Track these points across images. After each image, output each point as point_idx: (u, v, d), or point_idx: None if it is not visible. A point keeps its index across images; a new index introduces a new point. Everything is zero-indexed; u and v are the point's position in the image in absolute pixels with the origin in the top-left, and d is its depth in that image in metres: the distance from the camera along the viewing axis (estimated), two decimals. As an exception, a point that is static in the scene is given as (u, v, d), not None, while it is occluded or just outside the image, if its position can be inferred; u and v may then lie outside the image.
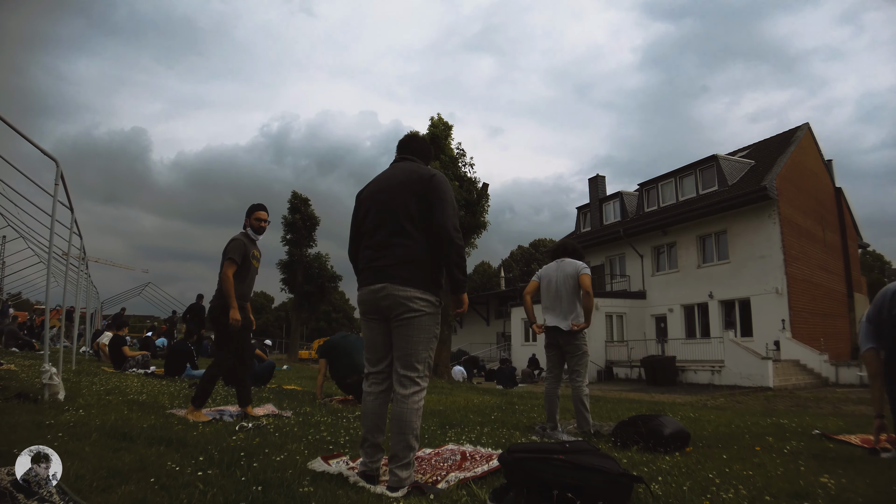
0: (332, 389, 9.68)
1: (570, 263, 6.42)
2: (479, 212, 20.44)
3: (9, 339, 16.83)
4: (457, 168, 20.92)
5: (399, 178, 3.72)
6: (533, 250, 68.03)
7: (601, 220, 35.24)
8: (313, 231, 36.29)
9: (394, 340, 3.64)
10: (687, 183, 29.73)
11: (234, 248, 6.11)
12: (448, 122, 21.53)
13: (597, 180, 36.78)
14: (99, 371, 11.54)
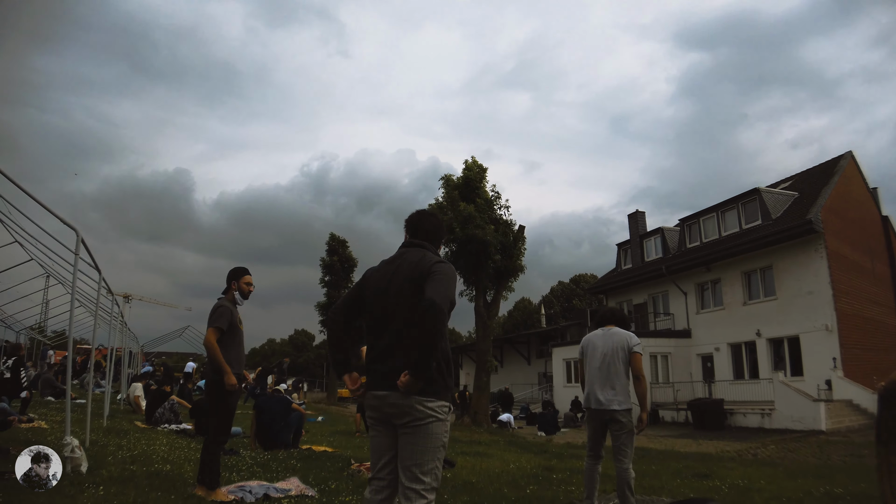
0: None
1: (619, 334, 5.97)
2: (516, 255, 20.25)
3: (45, 388, 16.93)
4: (492, 211, 20.80)
5: (404, 273, 3.50)
6: (574, 286, 67.30)
7: (642, 257, 34.66)
8: (351, 273, 36.51)
9: (399, 449, 3.37)
10: (729, 217, 29.11)
11: (220, 314, 5.92)
12: (482, 165, 21.47)
13: (636, 216, 36.29)
14: (131, 428, 11.47)
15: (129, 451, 8.13)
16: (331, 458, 8.73)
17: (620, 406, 5.77)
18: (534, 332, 43.47)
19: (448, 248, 20.28)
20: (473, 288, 20.30)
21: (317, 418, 16.84)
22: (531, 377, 40.34)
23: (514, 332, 48.64)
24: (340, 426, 14.85)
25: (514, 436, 17.14)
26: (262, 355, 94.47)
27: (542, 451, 12.00)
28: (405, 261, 3.57)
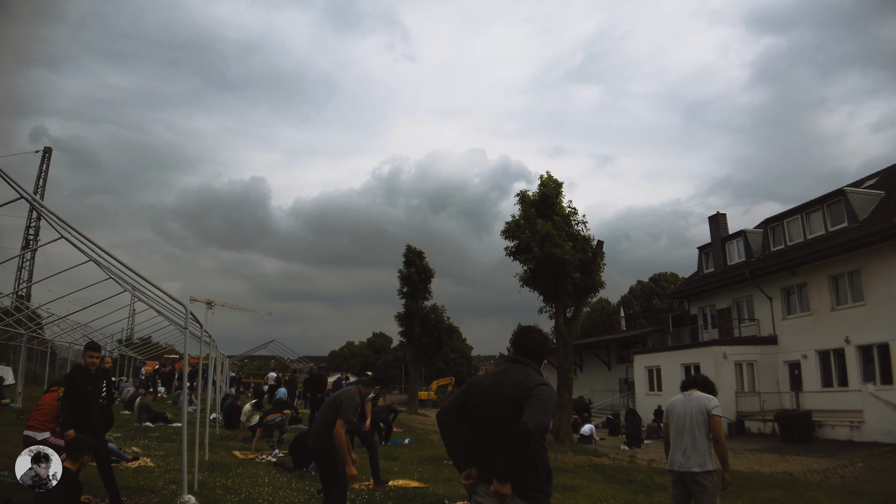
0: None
1: (699, 399, 6.14)
2: (595, 271, 20.20)
3: (142, 413, 17.82)
4: (570, 227, 20.80)
5: (507, 390, 3.80)
6: (653, 285, 66.22)
7: (725, 261, 33.96)
8: (428, 283, 37.09)
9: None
10: (814, 219, 28.29)
11: (349, 408, 6.26)
12: (558, 180, 21.47)
13: (717, 218, 35.58)
14: (231, 460, 12.09)
15: (237, 494, 8.67)
16: (424, 498, 9.06)
17: (701, 468, 5.95)
18: (613, 337, 43.00)
19: (526, 267, 20.41)
20: (553, 305, 20.36)
21: (403, 440, 17.20)
22: (612, 383, 39.90)
23: (592, 337, 48.18)
24: (427, 451, 15.14)
25: (597, 453, 17.16)
26: (341, 357, 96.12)
27: (628, 478, 12.06)
28: (508, 377, 3.89)
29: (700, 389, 6.30)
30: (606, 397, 38.06)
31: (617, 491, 10.48)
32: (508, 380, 3.86)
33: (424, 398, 53.55)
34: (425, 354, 37.15)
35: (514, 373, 3.90)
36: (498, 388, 3.86)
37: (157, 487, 8.61)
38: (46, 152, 47.23)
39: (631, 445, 20.97)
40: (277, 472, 10.92)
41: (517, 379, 3.82)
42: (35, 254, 43.91)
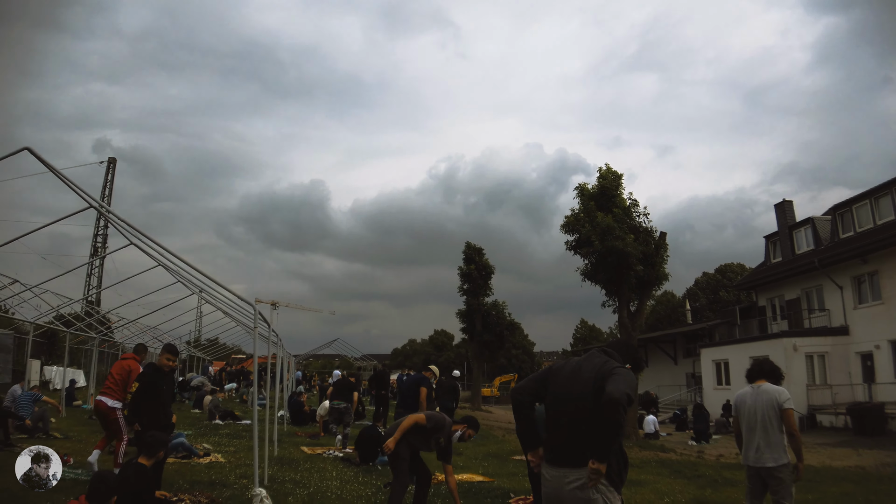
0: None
1: (769, 392, 6.03)
2: (658, 263, 19.91)
3: (212, 411, 18.34)
4: (631, 219, 20.56)
5: (586, 374, 3.88)
6: (720, 276, 64.80)
7: (793, 250, 33.08)
8: (489, 279, 37.05)
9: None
10: (883, 204, 27.34)
11: (434, 418, 6.58)
12: (618, 172, 21.25)
13: (784, 206, 34.68)
14: (298, 455, 12.38)
15: (305, 487, 8.91)
16: (489, 492, 9.15)
17: (776, 462, 5.88)
18: (680, 331, 42.30)
19: (588, 261, 20.28)
20: (616, 299, 20.17)
21: (474, 439, 17.27)
22: (678, 378, 39.30)
23: (658, 330, 47.44)
24: (492, 446, 15.21)
25: (664, 448, 16.95)
26: (404, 355, 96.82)
27: (696, 473, 11.91)
28: (588, 362, 3.98)
29: (767, 378, 6.20)
30: (673, 392, 37.50)
31: (684, 486, 10.37)
32: (588, 364, 3.95)
33: (487, 395, 53.63)
34: (487, 351, 37.21)
35: (594, 358, 3.99)
36: (577, 372, 3.95)
37: (229, 482, 8.90)
38: (111, 163, 48.73)
39: (699, 441, 20.63)
40: (344, 467, 11.12)
41: (597, 364, 3.90)
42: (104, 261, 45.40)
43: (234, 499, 7.89)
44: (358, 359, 50.25)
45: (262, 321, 8.55)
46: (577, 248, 20.47)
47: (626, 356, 4.09)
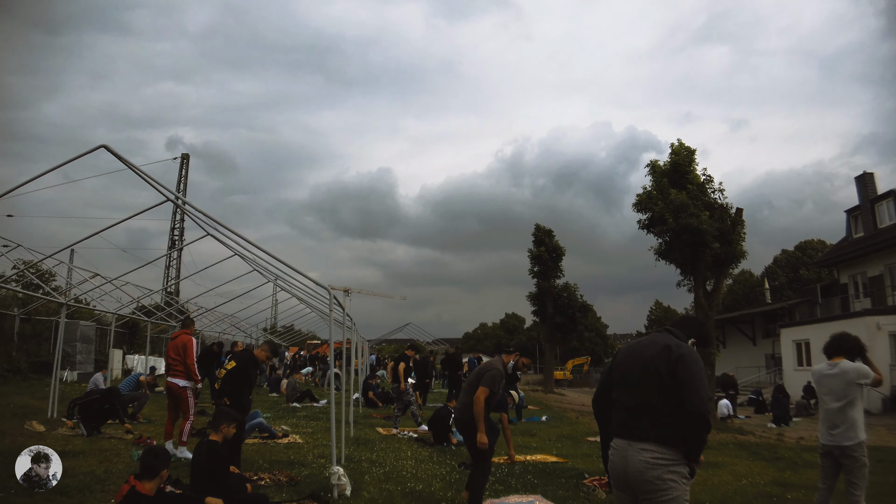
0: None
1: (846, 372, 5.83)
2: (735, 240, 19.34)
3: (290, 392, 18.83)
4: (706, 195, 19.99)
5: (650, 353, 3.82)
6: (799, 253, 62.71)
7: (875, 224, 31.68)
8: (559, 261, 36.69)
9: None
10: (979, 176, 25.94)
11: (493, 378, 6.47)
12: (691, 147, 20.66)
13: (865, 178, 33.20)
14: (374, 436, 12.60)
15: (381, 466, 9.13)
16: (563, 472, 9.14)
17: (851, 441, 5.73)
18: (758, 310, 41.15)
19: (661, 239, 19.86)
20: (691, 279, 19.70)
21: (541, 418, 17.27)
22: (757, 359, 38.27)
23: (736, 311, 46.24)
24: (565, 428, 15.17)
25: (742, 431, 16.57)
26: (475, 338, 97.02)
27: (775, 455, 11.61)
28: (652, 343, 3.91)
29: (846, 356, 5.98)
30: (751, 374, 36.50)
31: (763, 468, 10.15)
32: (651, 345, 3.88)
33: (560, 378, 53.36)
34: (559, 333, 36.95)
35: (657, 338, 3.93)
36: (640, 355, 3.89)
37: (307, 461, 9.15)
38: (184, 158, 49.97)
39: (778, 423, 20.09)
40: (419, 447, 11.30)
41: (659, 344, 3.82)
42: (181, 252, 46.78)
43: (312, 477, 8.10)
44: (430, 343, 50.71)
45: (337, 306, 8.68)
46: (650, 226, 20.05)
47: (690, 332, 4.03)
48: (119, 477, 7.50)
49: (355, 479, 7.86)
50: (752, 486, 8.61)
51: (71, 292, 19.59)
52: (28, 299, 21.00)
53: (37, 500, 6.18)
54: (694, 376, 3.58)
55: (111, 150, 7.88)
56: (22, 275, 20.26)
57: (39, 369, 20.64)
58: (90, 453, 8.89)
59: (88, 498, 6.47)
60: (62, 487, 6.69)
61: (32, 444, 8.86)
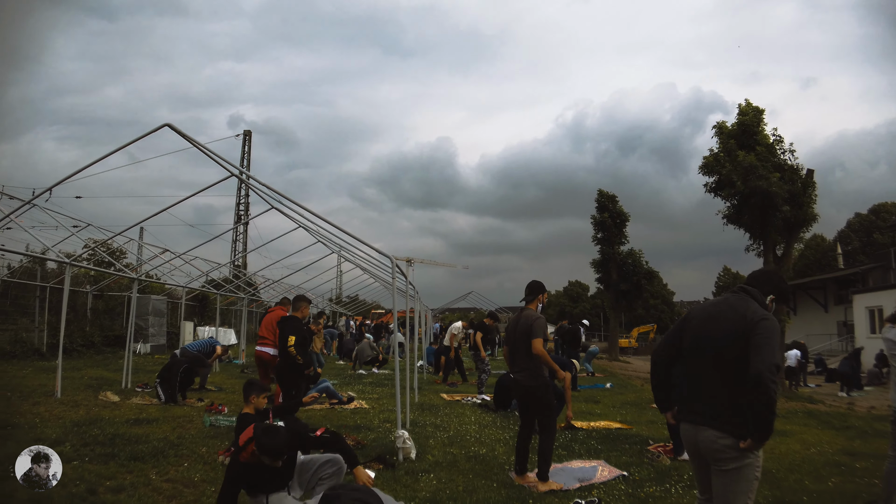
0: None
1: None
2: (806, 203, 18.68)
3: (362, 354, 19.19)
4: (775, 157, 19.34)
5: (726, 324, 3.62)
6: (874, 217, 60.47)
7: (959, 185, 30.29)
8: (623, 227, 35.99)
9: (713, 484, 3.61)
10: None
11: (542, 326, 6.42)
12: (759, 107, 19.99)
13: (948, 138, 31.72)
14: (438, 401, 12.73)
15: (445, 431, 9.23)
16: (627, 438, 9.04)
17: None
18: (830, 276, 39.87)
19: (729, 203, 19.34)
20: (761, 243, 19.14)
21: (605, 385, 17.12)
22: (829, 326, 37.16)
23: (807, 276, 44.94)
24: (630, 395, 15.00)
25: (812, 399, 16.13)
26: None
27: (844, 424, 11.28)
28: (728, 307, 3.70)
29: None
30: (823, 341, 35.51)
31: (832, 437, 9.87)
32: (728, 311, 3.67)
33: (625, 346, 52.82)
34: (624, 301, 36.38)
35: (734, 302, 3.70)
36: (716, 321, 3.70)
37: (373, 425, 9.30)
38: (247, 135, 50.50)
39: (849, 392, 19.51)
40: (482, 412, 11.34)
41: (738, 311, 3.61)
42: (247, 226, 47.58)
43: (378, 441, 8.22)
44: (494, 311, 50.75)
45: (400, 275, 8.70)
46: (718, 190, 19.54)
47: (768, 287, 3.78)
48: (192, 442, 7.74)
49: (420, 443, 7.93)
50: (820, 454, 8.37)
51: (142, 268, 20.14)
52: (100, 276, 21.67)
53: (111, 466, 6.37)
54: (766, 342, 3.40)
55: (175, 128, 7.99)
56: (93, 253, 20.88)
57: (113, 343, 21.34)
58: (164, 420, 9.15)
59: (162, 462, 6.64)
60: (137, 453, 6.91)
61: (107, 414, 9.28)
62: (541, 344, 6.29)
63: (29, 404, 9.78)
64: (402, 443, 7.19)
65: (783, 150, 19.71)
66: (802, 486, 6.44)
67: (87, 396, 11.10)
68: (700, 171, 20.16)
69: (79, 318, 21.33)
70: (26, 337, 18.41)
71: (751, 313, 3.54)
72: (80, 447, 7.08)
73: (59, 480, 5.67)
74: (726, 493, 3.51)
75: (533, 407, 6.46)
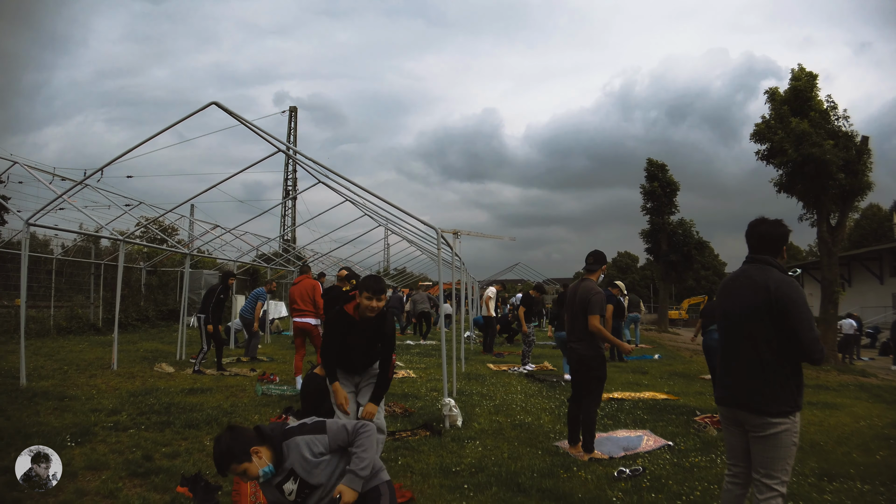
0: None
1: None
2: (862, 171, 18.12)
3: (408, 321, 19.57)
4: (829, 123, 18.78)
5: (749, 295, 3.61)
6: (934, 186, 58.49)
7: None
8: (673, 197, 35.36)
9: (752, 450, 3.60)
10: None
11: (600, 302, 6.36)
12: (812, 72, 19.39)
13: None
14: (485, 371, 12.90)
15: (492, 399, 9.31)
16: (674, 409, 8.99)
17: None
18: (886, 247, 38.70)
19: (782, 171, 18.87)
20: (814, 212, 18.64)
21: (653, 356, 17.00)
22: (884, 298, 36.09)
23: (863, 247, 43.74)
24: (678, 366, 14.88)
25: (864, 373, 15.77)
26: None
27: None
28: (749, 280, 3.67)
29: None
30: (878, 314, 34.54)
31: (883, 410, 9.65)
32: (749, 283, 3.65)
33: (675, 317, 52.24)
34: (674, 272, 35.82)
35: (753, 273, 3.67)
36: (738, 294, 3.70)
37: (421, 394, 9.44)
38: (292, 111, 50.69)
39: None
40: (529, 382, 11.45)
41: (759, 282, 3.58)
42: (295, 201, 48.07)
43: (425, 409, 8.37)
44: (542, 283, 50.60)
45: (446, 246, 8.75)
46: (770, 158, 19.05)
47: (773, 245, 3.71)
48: (245, 410, 7.97)
49: (466, 412, 8.04)
50: (869, 428, 8.20)
51: (193, 244, 20.57)
52: (153, 253, 22.19)
53: (167, 434, 6.58)
54: (801, 321, 3.39)
55: (222, 106, 8.13)
56: (146, 230, 21.38)
57: (167, 317, 21.93)
58: (217, 390, 9.42)
59: (216, 429, 6.83)
60: (191, 421, 7.13)
61: (163, 384, 9.57)
62: (597, 321, 6.30)
63: (86, 377, 10.12)
64: (448, 410, 7.31)
65: (837, 116, 19.13)
66: (850, 459, 6.34)
67: (143, 368, 11.45)
68: (752, 139, 19.70)
69: (133, 293, 21.91)
70: (82, 313, 19.01)
71: (772, 282, 3.51)
72: (136, 416, 7.33)
73: (116, 448, 5.92)
74: (765, 459, 3.49)
75: (584, 376, 6.47)
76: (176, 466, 5.41)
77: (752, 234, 3.76)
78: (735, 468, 3.75)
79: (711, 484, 5.32)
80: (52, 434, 6.14)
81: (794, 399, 3.47)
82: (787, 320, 3.40)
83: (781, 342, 3.45)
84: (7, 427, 6.30)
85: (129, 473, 5.23)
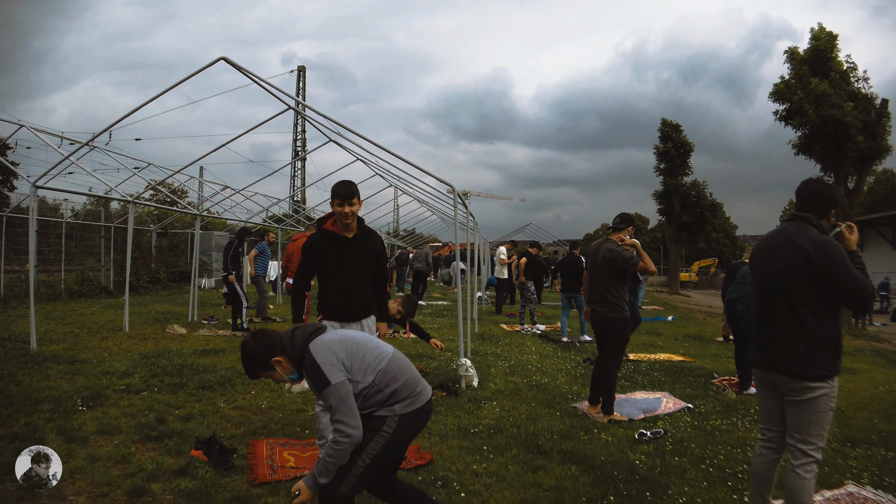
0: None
1: None
2: (881, 134, 17.83)
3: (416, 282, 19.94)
4: (849, 84, 18.48)
5: (787, 255, 3.44)
6: (950, 149, 57.61)
7: None
8: (687, 158, 34.97)
9: (787, 415, 3.48)
10: None
11: (625, 257, 6.25)
12: (833, 32, 19.02)
13: None
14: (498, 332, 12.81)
15: (507, 360, 9.28)
16: (691, 371, 8.90)
17: None
18: (899, 212, 38.24)
19: (800, 132, 18.57)
20: (832, 174, 18.38)
21: (667, 318, 16.90)
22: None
23: (875, 212, 43.29)
24: (692, 328, 14.75)
25: (878, 338, 15.62)
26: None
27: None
28: (786, 238, 3.49)
29: None
30: (891, 280, 34.26)
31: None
32: (787, 241, 3.47)
33: (686, 279, 52.09)
34: (686, 233, 35.60)
35: (792, 231, 3.48)
36: (777, 253, 3.53)
37: (435, 355, 9.32)
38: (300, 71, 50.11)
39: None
40: (543, 343, 11.40)
41: (797, 240, 3.40)
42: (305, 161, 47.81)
43: (440, 369, 8.31)
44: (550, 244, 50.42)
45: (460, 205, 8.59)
46: (788, 118, 18.79)
47: (822, 207, 3.52)
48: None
49: (481, 372, 7.98)
50: (889, 393, 8.09)
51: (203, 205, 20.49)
52: (163, 215, 22.15)
53: (180, 396, 6.51)
54: (845, 275, 3.22)
55: (231, 61, 7.92)
56: (156, 192, 21.29)
57: (178, 279, 21.93)
58: (230, 351, 9.34)
59: (230, 391, 6.78)
60: (204, 382, 7.05)
61: (175, 346, 9.51)
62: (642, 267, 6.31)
63: (97, 339, 10.03)
64: (464, 371, 7.25)
65: (857, 77, 18.84)
66: (871, 425, 6.23)
67: (155, 330, 11.38)
68: (770, 99, 19.42)
69: (144, 255, 21.89)
70: (93, 276, 18.99)
71: (810, 242, 3.33)
72: (149, 378, 7.25)
73: (128, 412, 5.84)
74: (801, 424, 3.38)
75: (607, 337, 6.35)
76: (190, 429, 5.33)
77: (804, 188, 3.59)
78: (769, 433, 3.63)
79: (735, 448, 5.24)
80: (63, 398, 6.06)
81: (832, 363, 3.33)
82: (831, 278, 3.25)
83: (821, 303, 3.31)
84: (17, 392, 6.22)
85: (142, 437, 5.14)
